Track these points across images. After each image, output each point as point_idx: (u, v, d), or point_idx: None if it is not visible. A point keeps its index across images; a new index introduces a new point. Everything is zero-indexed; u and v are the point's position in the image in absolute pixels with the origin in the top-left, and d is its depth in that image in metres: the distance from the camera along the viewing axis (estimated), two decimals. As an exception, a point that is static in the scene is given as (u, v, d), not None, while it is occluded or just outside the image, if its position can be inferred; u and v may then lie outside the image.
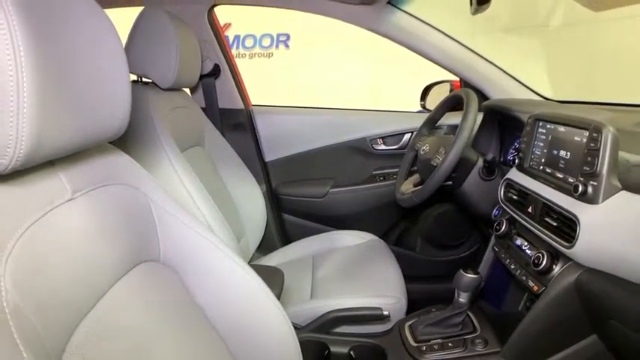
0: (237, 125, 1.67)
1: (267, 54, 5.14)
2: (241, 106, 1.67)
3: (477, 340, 0.93)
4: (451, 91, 1.63)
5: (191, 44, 1.28)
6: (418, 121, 1.48)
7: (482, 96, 1.53)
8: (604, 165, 0.74)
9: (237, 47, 5.00)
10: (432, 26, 1.45)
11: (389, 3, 1.38)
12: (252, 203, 1.53)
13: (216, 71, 1.57)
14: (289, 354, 0.76)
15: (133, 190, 0.65)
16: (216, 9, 1.58)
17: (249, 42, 5.10)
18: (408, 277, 1.28)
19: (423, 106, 1.72)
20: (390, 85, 4.16)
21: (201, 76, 1.51)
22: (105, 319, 0.51)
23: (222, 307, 0.73)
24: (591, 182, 0.76)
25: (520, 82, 1.52)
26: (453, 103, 1.31)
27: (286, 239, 1.74)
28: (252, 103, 1.73)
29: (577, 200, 0.78)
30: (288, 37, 5.05)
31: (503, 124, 1.34)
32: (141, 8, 1.19)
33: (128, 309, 0.57)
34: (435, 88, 1.70)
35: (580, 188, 0.77)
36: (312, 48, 4.71)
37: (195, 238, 0.72)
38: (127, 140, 1.01)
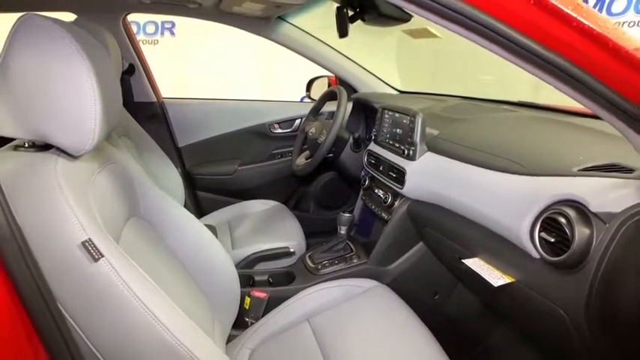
0: (152, 116, 1.90)
1: (153, 41, 5.05)
2: (154, 99, 1.91)
3: (353, 257, 1.38)
4: (329, 85, 2.06)
5: (114, 47, 1.50)
6: (306, 109, 1.88)
7: (352, 89, 2.00)
8: (417, 137, 1.23)
9: (121, 34, 4.85)
10: (313, 36, 1.86)
11: (279, 17, 1.75)
12: (170, 183, 1.78)
13: (131, 69, 1.77)
14: (231, 279, 1.11)
15: (121, 166, 0.94)
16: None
17: (132, 29, 4.97)
18: (306, 233, 1.67)
19: (309, 96, 2.13)
20: (277, 73, 4.49)
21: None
22: (125, 245, 0.82)
23: (185, 248, 1.05)
24: (412, 148, 1.24)
25: (379, 78, 2.02)
26: (331, 96, 1.73)
27: (202, 213, 2.03)
28: (163, 96, 1.97)
29: (405, 159, 1.26)
30: (173, 24, 5.03)
31: (367, 110, 1.82)
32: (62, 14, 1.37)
33: (136, 248, 0.87)
34: (317, 81, 2.11)
35: (406, 152, 1.25)
36: (198, 35, 4.79)
37: (160, 201, 1.03)
38: None
